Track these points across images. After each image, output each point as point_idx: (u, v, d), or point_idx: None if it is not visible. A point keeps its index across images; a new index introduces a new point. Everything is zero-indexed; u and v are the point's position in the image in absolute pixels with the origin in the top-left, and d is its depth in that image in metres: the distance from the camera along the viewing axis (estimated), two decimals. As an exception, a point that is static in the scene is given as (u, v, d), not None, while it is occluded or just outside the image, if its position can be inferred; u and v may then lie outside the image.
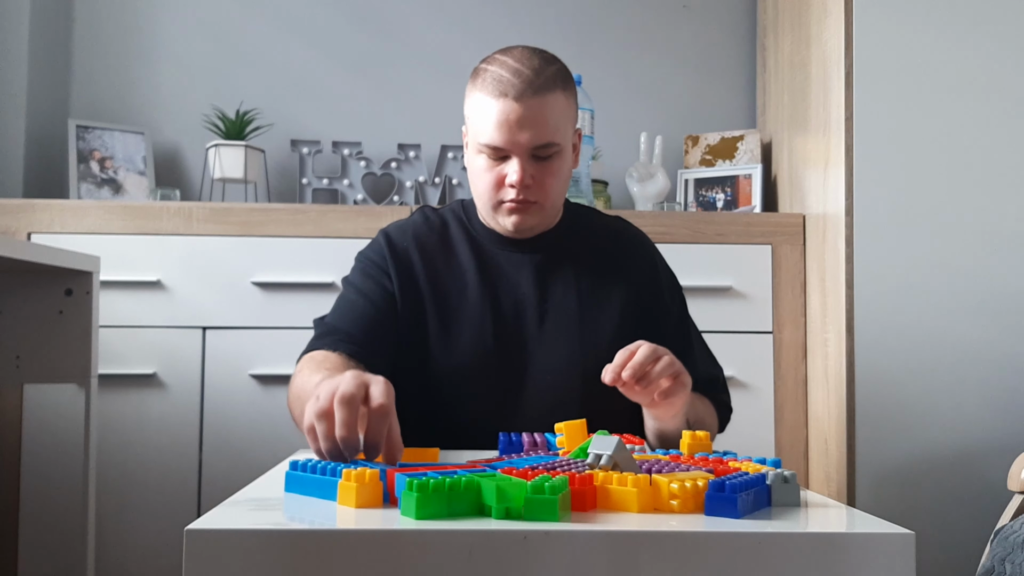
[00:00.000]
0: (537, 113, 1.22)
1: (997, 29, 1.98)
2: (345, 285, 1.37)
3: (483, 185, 1.28)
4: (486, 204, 1.30)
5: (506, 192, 1.27)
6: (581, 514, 0.75)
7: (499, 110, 1.22)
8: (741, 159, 2.43)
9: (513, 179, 1.24)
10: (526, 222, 1.30)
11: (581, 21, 2.65)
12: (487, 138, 1.24)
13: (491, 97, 1.23)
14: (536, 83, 1.22)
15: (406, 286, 1.32)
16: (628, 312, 1.35)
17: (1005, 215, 1.97)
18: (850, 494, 1.93)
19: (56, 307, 1.76)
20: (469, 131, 1.31)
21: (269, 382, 2.05)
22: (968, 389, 1.95)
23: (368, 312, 1.30)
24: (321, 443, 0.86)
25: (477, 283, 1.32)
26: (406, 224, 1.40)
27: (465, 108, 1.31)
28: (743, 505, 0.75)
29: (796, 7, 2.29)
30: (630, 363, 1.06)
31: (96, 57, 2.53)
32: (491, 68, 1.25)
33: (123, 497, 2.00)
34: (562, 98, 1.25)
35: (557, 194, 1.31)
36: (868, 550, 0.69)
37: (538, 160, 1.26)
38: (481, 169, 1.28)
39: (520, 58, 1.25)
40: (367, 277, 1.34)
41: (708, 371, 1.40)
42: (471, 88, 1.28)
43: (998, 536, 1.40)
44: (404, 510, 0.73)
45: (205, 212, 2.07)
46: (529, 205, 1.28)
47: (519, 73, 1.22)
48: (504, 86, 1.22)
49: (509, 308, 1.32)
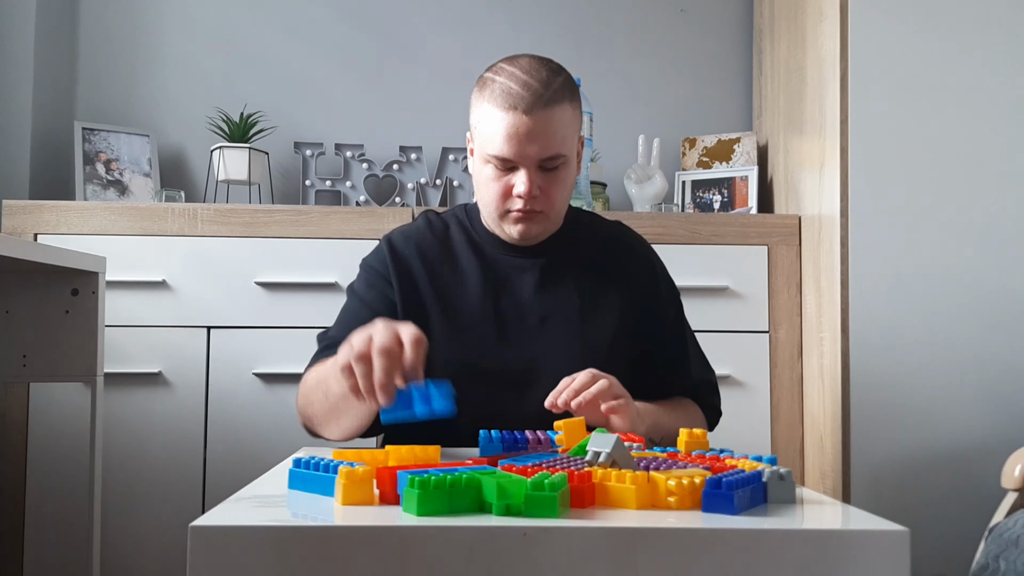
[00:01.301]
0: (546, 126, 1.23)
1: (991, 32, 1.99)
2: (349, 295, 1.38)
3: (490, 195, 1.29)
4: (492, 213, 1.31)
5: (513, 202, 1.27)
6: (580, 511, 0.76)
7: (509, 123, 1.22)
8: (737, 161, 2.45)
9: (521, 190, 1.25)
10: (532, 231, 1.31)
11: (580, 25, 2.66)
12: (495, 149, 1.24)
13: (500, 109, 1.23)
14: (545, 96, 1.23)
15: (408, 292, 1.33)
16: (627, 317, 1.36)
17: (998, 216, 1.99)
18: (845, 491, 1.94)
19: (62, 307, 1.77)
20: (475, 140, 1.31)
21: (272, 381, 2.06)
22: (962, 387, 1.96)
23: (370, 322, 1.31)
24: (361, 382, 0.96)
25: (480, 288, 1.33)
26: (409, 230, 1.40)
27: (471, 117, 1.31)
28: (739, 502, 0.76)
29: (792, 10, 2.30)
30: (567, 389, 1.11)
31: (101, 60, 2.54)
32: (499, 79, 1.25)
33: (128, 494, 2.02)
34: (569, 110, 1.26)
35: (562, 203, 1.32)
36: (863, 547, 0.70)
37: (545, 171, 1.26)
38: (488, 179, 1.28)
39: (528, 69, 1.25)
40: (370, 287, 1.35)
41: (701, 375, 1.43)
42: (478, 98, 1.28)
43: (992, 533, 1.42)
44: (406, 507, 0.74)
45: (209, 213, 2.08)
46: (535, 214, 1.29)
47: (528, 86, 1.23)
48: (514, 99, 1.22)
49: (511, 312, 1.33)
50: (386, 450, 0.94)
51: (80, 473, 1.92)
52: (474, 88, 1.31)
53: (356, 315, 1.32)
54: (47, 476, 2.00)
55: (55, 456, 2.00)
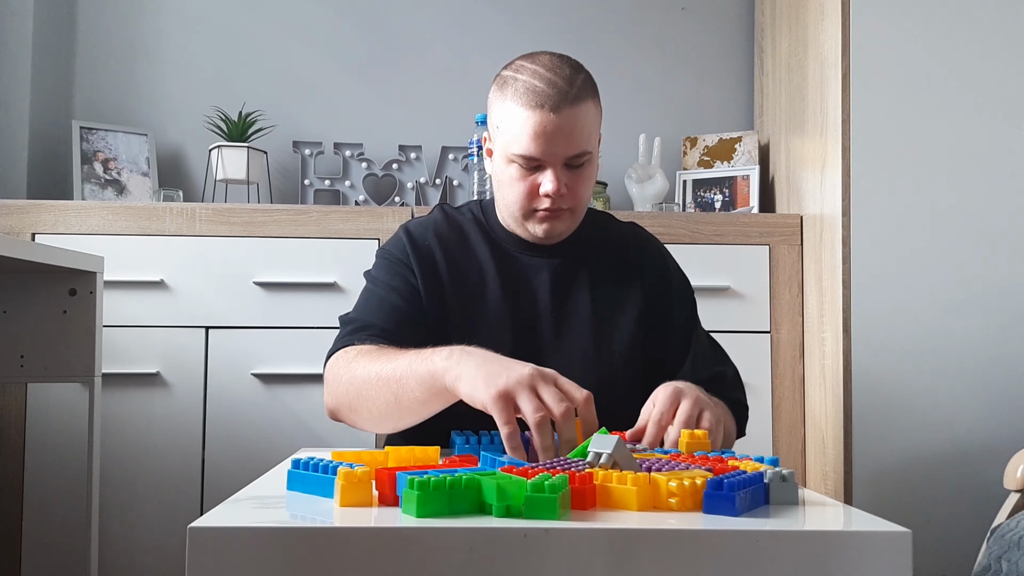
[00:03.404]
0: (573, 124, 1.22)
1: (993, 31, 1.99)
2: (369, 280, 1.35)
3: (515, 194, 1.28)
4: (516, 212, 1.30)
5: (540, 201, 1.27)
6: (581, 512, 0.76)
7: (536, 121, 1.21)
8: (739, 160, 2.44)
9: (548, 188, 1.24)
10: (557, 228, 1.30)
11: (580, 23, 2.66)
12: (522, 148, 1.23)
13: (526, 108, 1.22)
14: (571, 94, 1.22)
15: (429, 282, 1.31)
16: (641, 318, 1.35)
17: (1000, 215, 1.98)
18: (847, 492, 1.94)
19: (60, 307, 1.76)
20: (496, 140, 1.29)
21: (271, 381, 2.06)
22: (964, 388, 1.96)
23: (398, 305, 1.28)
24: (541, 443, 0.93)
25: (497, 286, 1.32)
26: (427, 221, 1.38)
27: (491, 117, 1.30)
28: (741, 503, 0.76)
29: (793, 9, 2.29)
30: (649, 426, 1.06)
31: (99, 59, 2.53)
32: (521, 77, 1.24)
33: (126, 495, 2.02)
34: (592, 106, 1.26)
35: (587, 200, 1.32)
36: (865, 548, 0.70)
37: (571, 168, 1.26)
38: (513, 178, 1.27)
39: (552, 67, 1.24)
40: (392, 273, 1.32)
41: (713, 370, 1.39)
42: (499, 97, 1.26)
43: (994, 534, 1.41)
44: (405, 508, 0.74)
45: (208, 213, 2.08)
46: (562, 212, 1.28)
47: (553, 83, 1.22)
48: (540, 97, 1.21)
49: (527, 311, 1.32)
50: (385, 451, 0.94)
51: (78, 474, 1.91)
52: (492, 87, 1.29)
53: (384, 299, 1.29)
54: (45, 477, 2.00)
55: (53, 457, 2.00)
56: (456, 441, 1.05)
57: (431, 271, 1.32)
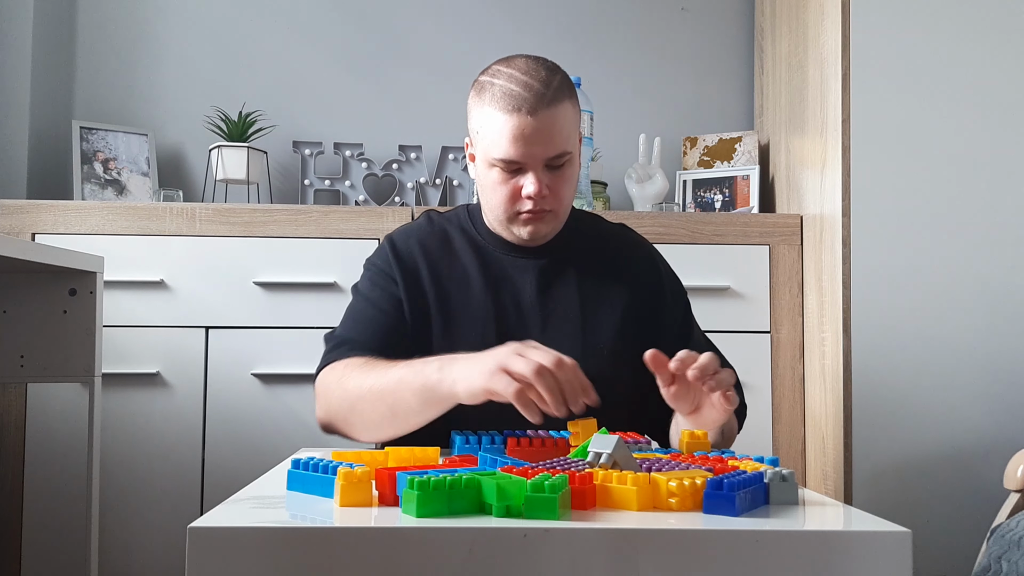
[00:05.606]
0: (551, 125, 1.23)
1: (993, 31, 1.99)
2: (355, 294, 1.38)
3: (498, 198, 1.29)
4: (500, 216, 1.31)
5: (523, 204, 1.27)
6: (581, 512, 0.76)
7: (513, 125, 1.22)
8: (739, 160, 2.44)
9: (530, 191, 1.25)
10: (542, 230, 1.31)
11: (580, 23, 2.66)
12: (502, 152, 1.24)
13: (503, 112, 1.22)
14: (548, 96, 1.22)
15: (412, 291, 1.32)
16: (629, 316, 1.36)
17: (1001, 215, 1.98)
18: (847, 492, 1.94)
19: (60, 307, 1.76)
20: (478, 145, 1.30)
21: (271, 381, 2.06)
22: (964, 388, 1.96)
23: (380, 320, 1.30)
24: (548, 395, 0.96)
25: (481, 287, 1.33)
26: (411, 229, 1.40)
27: (471, 122, 1.30)
28: (741, 503, 0.76)
29: (793, 9, 2.29)
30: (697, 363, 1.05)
31: (100, 59, 2.53)
32: (498, 82, 1.25)
33: (126, 495, 2.02)
34: (570, 107, 1.26)
35: (570, 200, 1.33)
36: (865, 548, 0.70)
37: (552, 170, 1.26)
38: (495, 183, 1.28)
39: (527, 70, 1.25)
40: (375, 286, 1.34)
41: None
42: (477, 102, 1.28)
43: (994, 534, 1.41)
44: (405, 508, 0.74)
45: (208, 213, 2.08)
46: (545, 214, 1.29)
47: (529, 86, 1.22)
48: (517, 100, 1.22)
49: (512, 312, 1.33)
50: (385, 451, 0.94)
51: (78, 474, 1.91)
52: (471, 93, 1.30)
53: (364, 314, 1.32)
54: (45, 477, 2.00)
55: (53, 457, 2.00)
56: (456, 441, 1.05)
57: (413, 279, 1.33)
